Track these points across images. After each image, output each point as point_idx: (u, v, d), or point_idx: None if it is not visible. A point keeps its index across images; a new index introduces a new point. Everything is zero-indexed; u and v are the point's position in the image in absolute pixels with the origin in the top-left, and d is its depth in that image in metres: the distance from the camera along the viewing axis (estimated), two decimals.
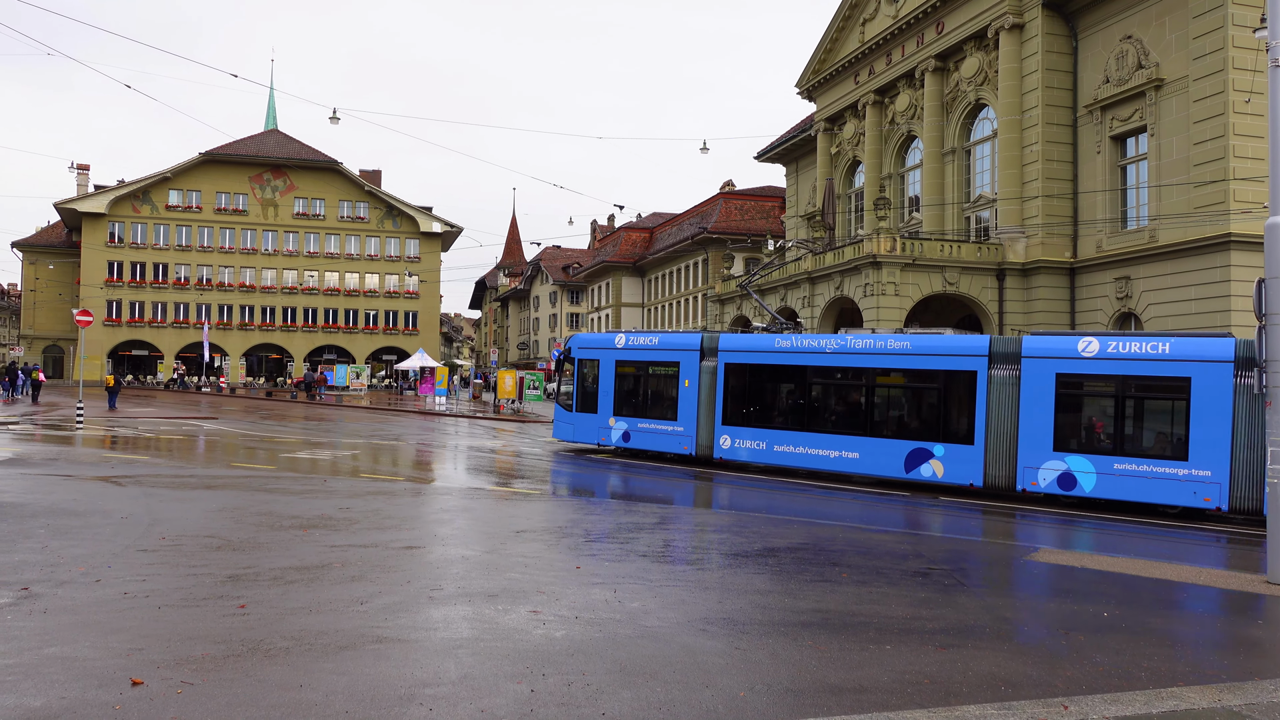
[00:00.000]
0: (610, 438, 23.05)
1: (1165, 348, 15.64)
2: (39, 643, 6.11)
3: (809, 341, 20.23)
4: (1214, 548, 13.37)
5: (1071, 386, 16.50)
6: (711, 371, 21.25)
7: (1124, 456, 15.90)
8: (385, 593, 7.84)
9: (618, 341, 23.36)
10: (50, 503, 12.28)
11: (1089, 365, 16.30)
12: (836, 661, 6.38)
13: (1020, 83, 30.24)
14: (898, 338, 19.02)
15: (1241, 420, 14.79)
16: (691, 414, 21.44)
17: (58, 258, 76.39)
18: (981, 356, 17.43)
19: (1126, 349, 16.00)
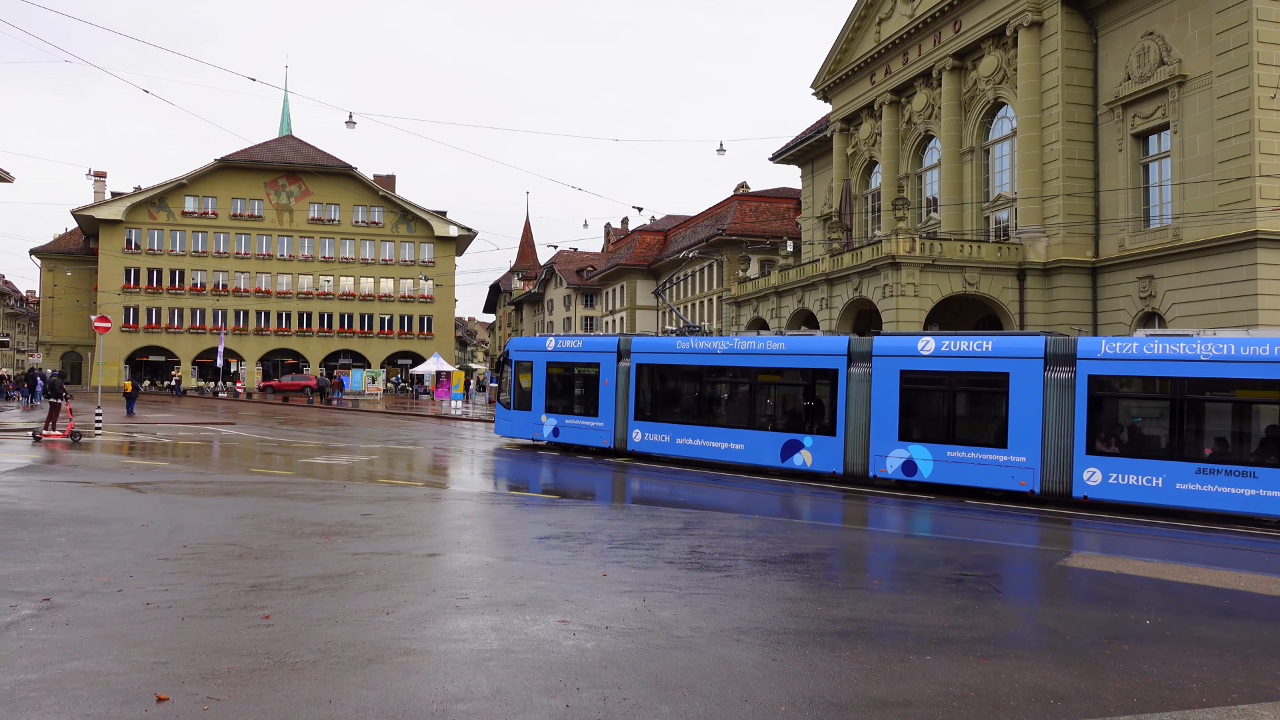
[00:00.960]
0: (543, 433, 24.92)
1: (988, 346, 17.24)
2: (62, 656, 5.99)
3: (704, 343, 21.90)
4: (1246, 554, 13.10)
5: (912, 382, 18.07)
6: (626, 371, 23.12)
7: (955, 445, 17.46)
8: (410, 602, 7.69)
9: (548, 344, 25.33)
10: (71, 510, 12.21)
11: (927, 363, 17.87)
12: (877, 673, 6.20)
13: (1040, 81, 29.92)
14: (776, 339, 20.72)
15: (1051, 411, 16.35)
16: (610, 410, 23.32)
17: (75, 264, 76.82)
18: (841, 355, 19.10)
19: (957, 347, 17.54)
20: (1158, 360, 15.61)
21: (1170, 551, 12.40)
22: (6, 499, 13.08)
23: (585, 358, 24.37)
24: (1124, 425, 16.27)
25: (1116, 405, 16.35)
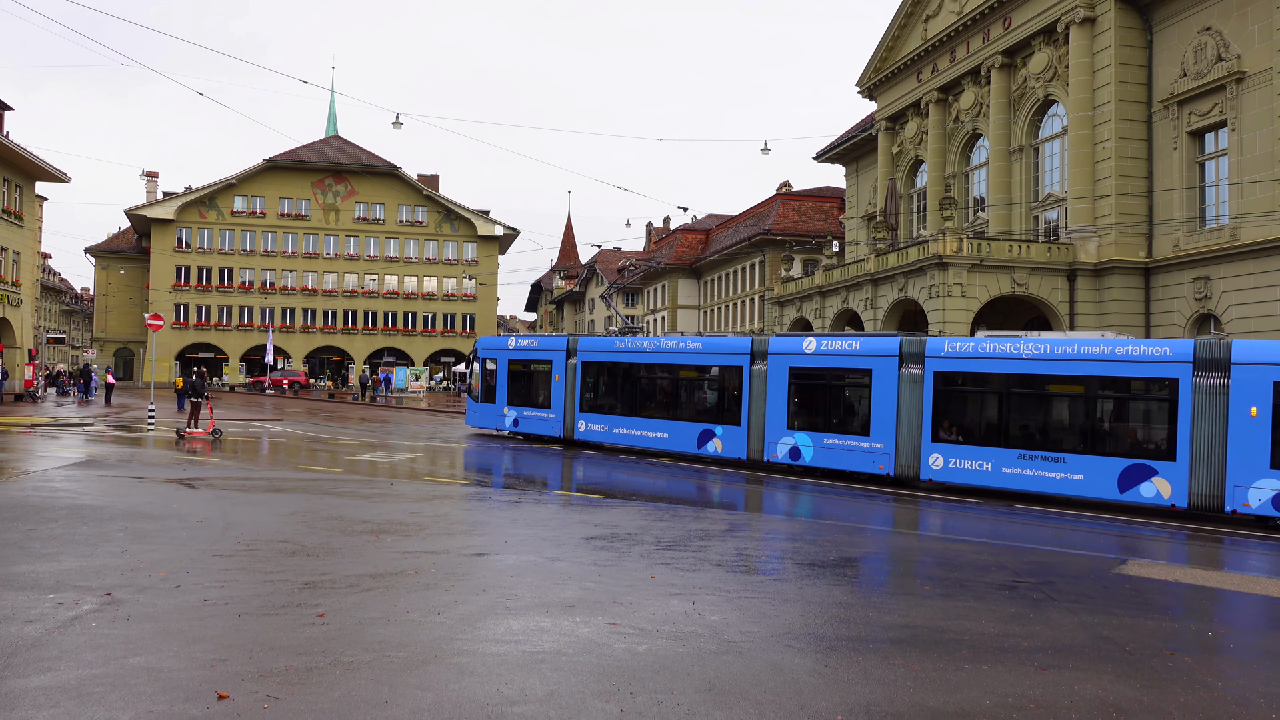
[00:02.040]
0: (504, 424, 27.64)
1: (856, 345, 19.42)
2: (124, 652, 6.09)
3: (637, 343, 24.39)
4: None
5: (798, 377, 20.33)
6: (573, 368, 25.53)
7: (831, 433, 19.63)
8: (461, 602, 7.73)
9: (510, 343, 28.09)
10: (127, 506, 12.45)
11: (810, 360, 20.12)
12: (930, 682, 6.11)
13: (1092, 78, 29.39)
14: (695, 340, 23.08)
15: (904, 403, 18.32)
16: (560, 403, 25.83)
17: (128, 263, 78.43)
18: (745, 354, 21.30)
19: (833, 347, 19.79)
20: (988, 358, 17.53)
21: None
22: (66, 494, 13.38)
23: (540, 355, 26.90)
24: (961, 416, 18.10)
25: (956, 398, 18.15)
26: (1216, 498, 14.92)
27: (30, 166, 43.95)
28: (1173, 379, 15.51)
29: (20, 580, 8.01)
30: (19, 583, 7.92)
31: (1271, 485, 14.36)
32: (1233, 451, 14.79)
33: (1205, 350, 15.35)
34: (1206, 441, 15.08)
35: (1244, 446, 14.68)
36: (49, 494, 13.28)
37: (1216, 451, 14.97)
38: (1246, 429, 14.67)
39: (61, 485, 14.31)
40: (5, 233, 43.14)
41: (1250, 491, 14.55)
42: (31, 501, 12.47)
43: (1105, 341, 16.54)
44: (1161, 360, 15.69)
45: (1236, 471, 14.73)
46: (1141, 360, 15.92)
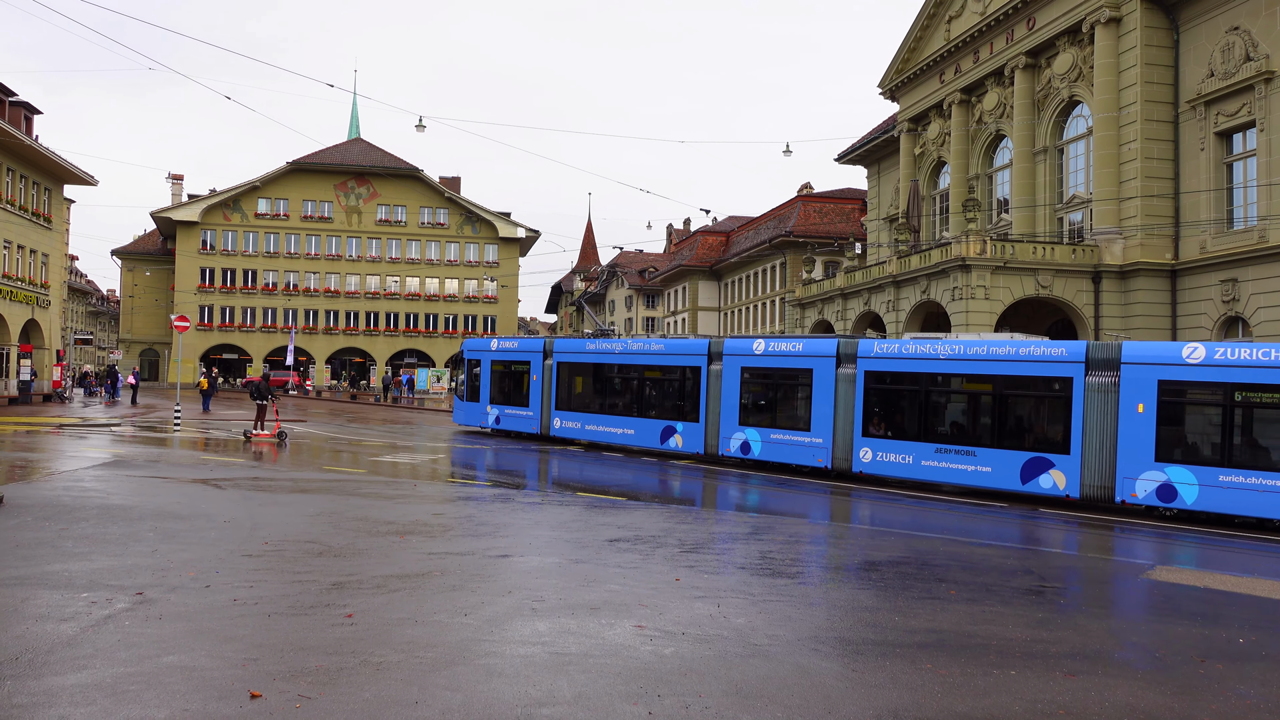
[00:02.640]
0: (488, 422, 29.15)
1: (799, 347, 20.83)
2: (157, 650, 6.17)
3: (606, 345, 25.69)
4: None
5: (748, 377, 21.74)
6: (549, 369, 26.90)
7: (777, 429, 20.93)
8: (488, 603, 7.77)
9: (493, 345, 29.59)
10: (156, 506, 12.59)
11: (758, 360, 21.54)
12: (958, 687, 6.09)
13: (1117, 78, 29.14)
14: (659, 341, 24.46)
15: (840, 401, 19.76)
16: (537, 402, 27.19)
17: (154, 265, 79.26)
18: (703, 355, 22.66)
19: (779, 348, 21.17)
20: (910, 359, 18.88)
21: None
22: (96, 493, 13.55)
23: (520, 357, 28.39)
24: (887, 413, 19.36)
25: (883, 396, 19.49)
26: (1107, 489, 16.08)
27: (58, 169, 44.50)
28: (1067, 378, 16.68)
29: (54, 579, 8.12)
30: (53, 581, 8.04)
31: (1156, 477, 15.52)
32: (1122, 446, 15.92)
33: (1097, 351, 16.51)
34: (1098, 436, 16.24)
35: (1132, 441, 15.82)
36: (80, 494, 13.45)
37: (1107, 446, 16.14)
38: (1134, 424, 15.83)
39: (91, 485, 14.49)
40: (34, 235, 43.70)
41: (1137, 483, 15.70)
42: (63, 501, 12.63)
43: (1011, 343, 17.86)
44: (1058, 360, 16.86)
45: (1125, 464, 15.86)
46: (1041, 360, 17.11)
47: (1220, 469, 15.08)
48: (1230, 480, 14.94)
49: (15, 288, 41.49)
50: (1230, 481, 14.94)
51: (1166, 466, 15.49)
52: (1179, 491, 15.34)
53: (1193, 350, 15.65)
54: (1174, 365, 15.70)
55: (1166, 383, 15.69)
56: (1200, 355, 15.47)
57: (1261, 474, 14.68)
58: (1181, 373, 15.63)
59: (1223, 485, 15.01)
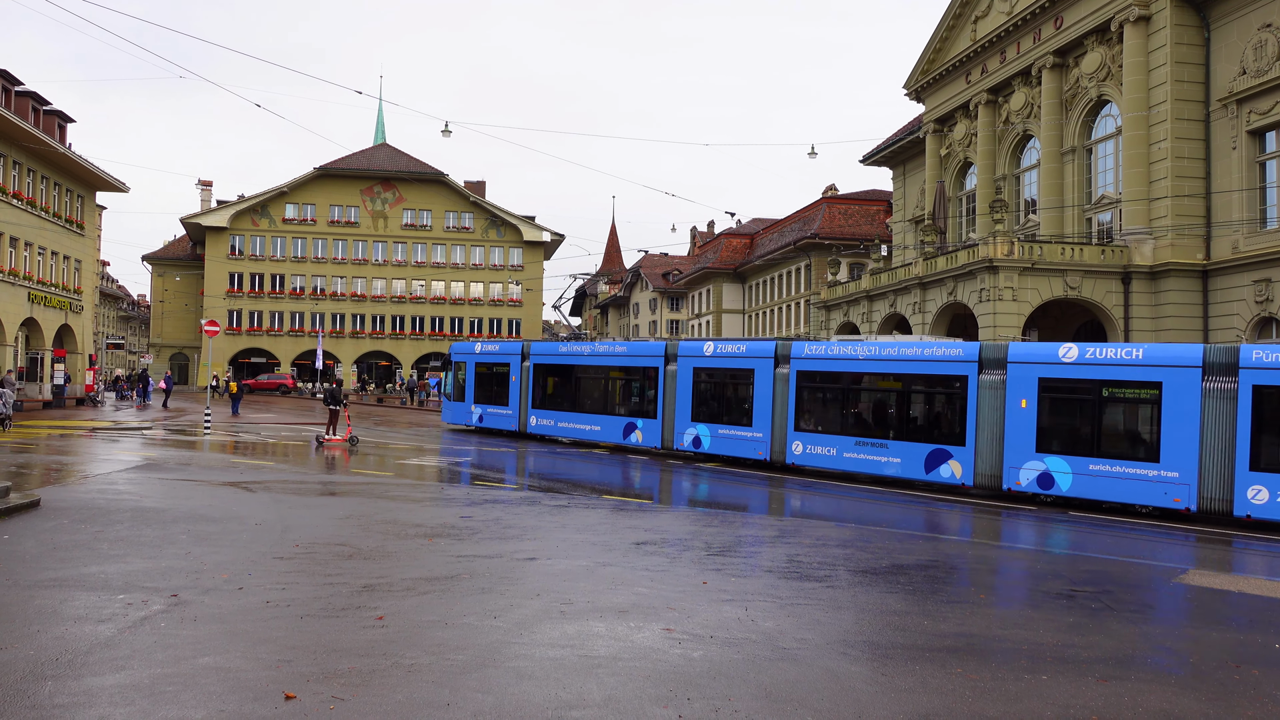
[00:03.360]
0: (472, 420, 31.16)
1: (743, 349, 22.83)
2: (193, 652, 6.26)
3: (577, 347, 27.68)
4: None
5: (699, 377, 23.49)
6: (527, 370, 28.79)
7: (723, 425, 22.68)
8: (516, 606, 7.82)
9: (476, 348, 31.74)
10: (189, 508, 12.75)
11: (708, 361, 23.44)
12: (989, 692, 6.06)
13: (1147, 77, 28.83)
14: (622, 344, 26.92)
15: (777, 398, 21.47)
16: (516, 401, 29.15)
17: (184, 270, 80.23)
18: (660, 356, 24.64)
19: (726, 349, 23.17)
20: (834, 359, 20.60)
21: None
22: (130, 496, 13.74)
23: (501, 359, 30.33)
24: (815, 409, 21.06)
25: (812, 394, 21.11)
26: (996, 477, 17.60)
27: (91, 177, 45.18)
28: (963, 376, 18.15)
29: (91, 581, 8.26)
30: (90, 583, 8.17)
31: (1037, 466, 17.02)
32: (1008, 438, 17.41)
33: (988, 351, 18.03)
34: (989, 430, 17.73)
35: (1017, 433, 17.31)
36: (114, 496, 13.65)
37: (996, 438, 17.60)
38: (1019, 418, 17.30)
39: (125, 488, 14.70)
40: (67, 241, 44.38)
41: (1021, 472, 17.23)
42: (98, 504, 12.82)
43: (918, 344, 19.47)
44: (956, 360, 18.35)
45: (1011, 455, 17.33)
46: (941, 360, 18.64)
47: (1090, 459, 16.50)
48: (1099, 469, 16.38)
49: (49, 293, 42.14)
50: (1099, 470, 16.38)
51: (1045, 457, 16.96)
52: (1056, 480, 16.82)
53: (1068, 350, 17.14)
54: (1052, 364, 17.16)
55: (1045, 380, 17.14)
56: (1074, 355, 16.99)
57: (1125, 463, 16.16)
58: (1058, 371, 17.10)
59: (1093, 474, 16.43)
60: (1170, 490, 15.65)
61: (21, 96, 38.73)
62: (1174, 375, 15.86)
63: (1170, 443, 15.74)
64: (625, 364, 26.05)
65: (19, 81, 38.39)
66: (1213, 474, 15.34)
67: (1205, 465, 15.43)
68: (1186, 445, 15.57)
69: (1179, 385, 15.75)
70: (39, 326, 41.82)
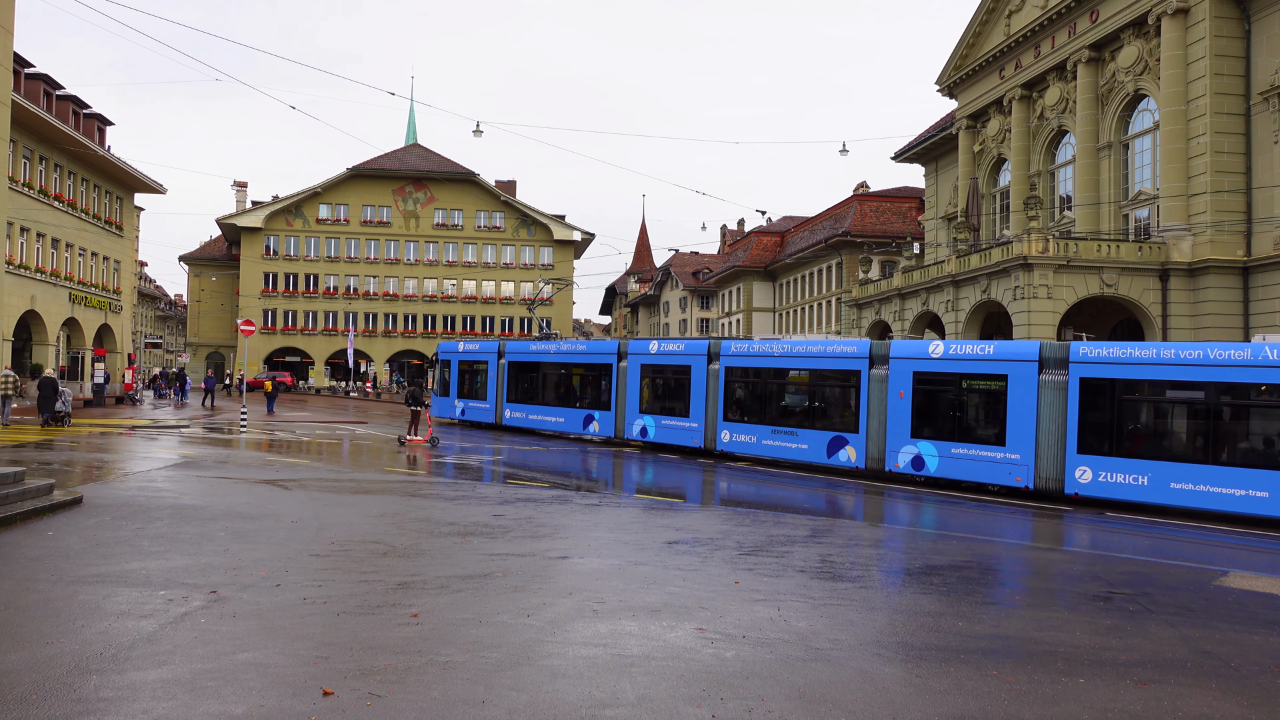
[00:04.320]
0: (455, 414, 33.91)
1: (682, 347, 24.97)
2: (232, 648, 6.35)
3: (544, 346, 30.05)
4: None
5: (645, 372, 25.70)
6: (502, 367, 31.48)
7: (666, 416, 24.88)
8: (549, 604, 7.86)
9: (460, 347, 34.41)
10: (226, 506, 12.93)
11: (652, 359, 25.55)
12: (1025, 694, 6.00)
13: (1185, 70, 28.39)
14: (583, 342, 29.86)
15: (710, 392, 23.56)
16: (492, 396, 31.81)
17: (219, 270, 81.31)
18: (613, 354, 26.90)
19: (667, 349, 25.40)
20: (755, 355, 22.59)
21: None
22: (168, 493, 13.96)
23: (480, 357, 32.97)
24: (741, 401, 23.12)
25: (738, 387, 23.11)
26: (881, 460, 19.68)
27: (129, 179, 45.92)
28: (856, 370, 20.26)
29: (133, 577, 8.41)
30: (132, 579, 8.32)
31: (911, 450, 19.09)
32: (890, 425, 19.46)
33: (876, 349, 20.09)
34: (876, 418, 19.75)
35: (896, 421, 19.36)
36: (153, 494, 13.87)
37: (882, 425, 19.64)
38: (898, 408, 19.35)
39: (164, 485, 14.93)
40: (106, 242, 45.14)
41: (899, 455, 19.29)
42: (138, 501, 13.04)
43: (823, 342, 21.97)
44: (850, 357, 20.49)
45: (892, 440, 19.42)
46: (840, 356, 20.86)
47: (953, 443, 18.51)
48: (959, 452, 18.40)
49: (90, 293, 42.89)
50: (959, 453, 18.39)
51: (918, 442, 19.02)
52: (926, 462, 18.88)
53: (936, 347, 19.29)
54: (924, 359, 19.26)
55: (918, 374, 19.21)
56: (940, 351, 19.15)
57: (979, 447, 18.14)
58: (928, 365, 19.15)
59: (955, 456, 18.47)
60: (1014, 470, 17.51)
61: (62, 100, 39.45)
62: (1017, 369, 17.69)
63: (1014, 429, 17.58)
64: (585, 361, 28.51)
65: (60, 85, 39.09)
66: (1047, 456, 17.15)
67: (1041, 448, 17.21)
68: (1026, 431, 17.40)
69: (1021, 378, 17.58)
70: (80, 326, 42.57)
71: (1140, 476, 16.08)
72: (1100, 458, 16.51)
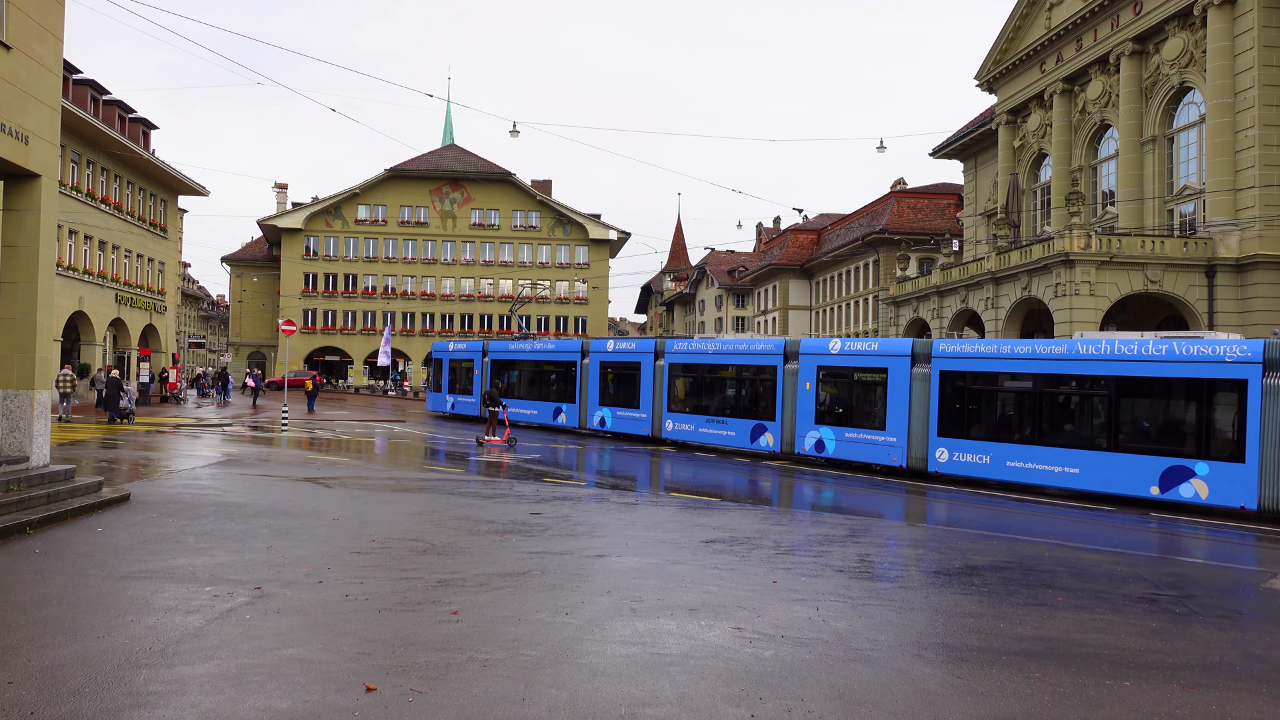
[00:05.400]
0: (446, 408, 37.39)
1: (632, 345, 28.24)
2: (277, 643, 6.45)
3: (523, 345, 33.34)
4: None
5: (602, 367, 28.48)
6: (486, 365, 34.67)
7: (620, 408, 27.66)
8: (587, 603, 7.89)
9: (450, 347, 37.94)
10: (269, 504, 13.13)
11: (611, 356, 28.40)
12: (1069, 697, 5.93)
13: (1233, 62, 27.82)
14: (555, 342, 33.10)
15: (656, 385, 26.35)
16: (477, 391, 34.71)
17: (260, 271, 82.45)
18: (577, 352, 29.70)
19: (621, 346, 28.69)
20: (693, 353, 25.51)
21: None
22: (213, 491, 14.20)
23: (466, 355, 36.29)
24: (682, 393, 25.92)
25: (679, 381, 26.05)
26: (792, 444, 22.26)
27: (172, 181, 46.71)
28: (773, 365, 22.88)
29: (180, 573, 8.57)
30: (179, 575, 8.48)
31: (815, 435, 21.67)
32: (799, 413, 22.02)
33: (790, 346, 22.56)
34: (790, 407, 22.27)
35: (804, 409, 21.91)
36: (198, 491, 14.12)
37: (793, 413, 22.21)
38: (805, 398, 21.92)
39: (208, 483, 15.19)
40: (151, 244, 45.96)
41: (806, 439, 21.88)
42: (183, 499, 13.28)
43: (748, 341, 24.23)
44: (768, 353, 23.07)
45: (800, 426, 21.96)
46: (760, 353, 23.33)
47: (846, 428, 21.07)
48: (851, 436, 20.94)
49: (135, 294, 43.71)
50: (851, 437, 20.94)
51: (820, 427, 21.57)
52: (826, 445, 21.42)
53: (835, 344, 21.87)
54: (825, 355, 21.83)
55: (821, 367, 21.77)
56: (838, 347, 21.78)
57: (865, 431, 20.64)
58: (828, 360, 21.76)
59: (847, 440, 21.02)
60: (891, 452, 20.05)
61: (109, 105, 40.23)
62: (894, 363, 20.13)
63: (892, 416, 20.08)
64: (554, 359, 31.42)
65: (106, 91, 39.86)
66: (917, 439, 19.63)
67: (913, 433, 19.69)
68: (901, 417, 19.92)
69: (898, 371, 20.01)
70: (125, 327, 43.40)
71: (984, 456, 18.49)
72: (954, 440, 18.97)
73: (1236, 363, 15.41)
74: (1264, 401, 15.03)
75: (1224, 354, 15.59)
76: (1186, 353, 15.99)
